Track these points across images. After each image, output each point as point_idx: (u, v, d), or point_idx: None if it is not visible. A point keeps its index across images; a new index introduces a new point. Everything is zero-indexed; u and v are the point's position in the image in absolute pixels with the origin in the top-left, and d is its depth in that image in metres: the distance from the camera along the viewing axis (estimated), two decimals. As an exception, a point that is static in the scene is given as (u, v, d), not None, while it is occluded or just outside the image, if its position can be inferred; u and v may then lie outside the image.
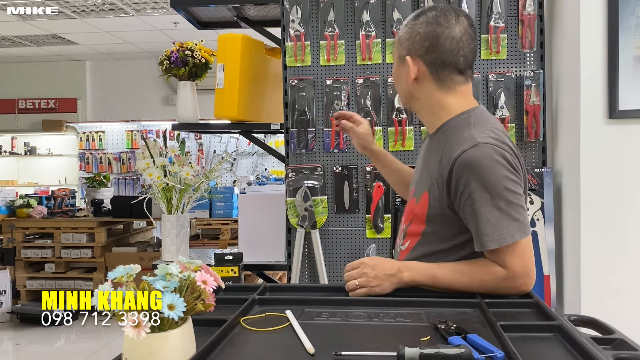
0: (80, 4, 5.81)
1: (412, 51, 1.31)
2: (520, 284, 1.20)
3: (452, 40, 1.27)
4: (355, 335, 1.00)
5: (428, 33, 1.28)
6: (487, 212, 1.19)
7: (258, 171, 7.42)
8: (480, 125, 1.26)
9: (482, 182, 1.19)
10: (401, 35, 1.34)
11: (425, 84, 1.32)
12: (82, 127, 8.14)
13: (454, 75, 1.30)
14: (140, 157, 2.27)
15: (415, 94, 1.34)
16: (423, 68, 1.30)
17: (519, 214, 1.20)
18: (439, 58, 1.28)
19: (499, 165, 1.19)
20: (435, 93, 1.32)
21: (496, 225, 1.18)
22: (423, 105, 1.35)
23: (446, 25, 1.27)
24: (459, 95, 1.32)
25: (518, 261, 1.19)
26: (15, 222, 5.32)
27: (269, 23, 2.66)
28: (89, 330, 4.82)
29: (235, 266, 1.94)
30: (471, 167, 1.19)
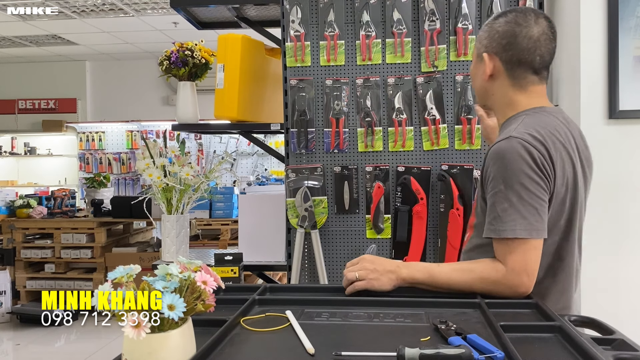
0: (80, 4, 5.81)
1: (490, 48, 1.34)
2: (517, 283, 1.19)
3: (529, 40, 1.30)
4: (355, 336, 1.00)
5: (506, 31, 1.31)
6: (497, 202, 1.21)
7: (258, 171, 7.42)
8: (529, 122, 1.27)
9: (501, 173, 1.21)
10: (480, 34, 1.38)
11: (500, 81, 1.35)
12: (82, 128, 8.14)
13: (529, 75, 1.33)
14: (140, 158, 2.27)
15: (490, 91, 1.38)
16: (499, 65, 1.34)
17: (528, 213, 1.19)
18: (515, 56, 1.31)
19: (521, 160, 1.20)
20: (508, 91, 1.35)
21: (501, 216, 1.20)
22: (496, 102, 1.39)
23: (524, 25, 1.30)
24: (530, 95, 1.34)
25: (518, 259, 1.19)
26: (15, 223, 5.32)
27: (269, 23, 2.66)
28: (88, 331, 4.82)
29: (235, 266, 1.94)
30: (496, 158, 1.23)
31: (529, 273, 1.19)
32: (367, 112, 2.19)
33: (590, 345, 0.88)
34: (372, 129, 2.19)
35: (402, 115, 2.19)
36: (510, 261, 1.19)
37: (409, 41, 2.19)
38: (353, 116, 2.21)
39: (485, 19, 2.15)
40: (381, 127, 2.20)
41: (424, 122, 2.18)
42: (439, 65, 2.17)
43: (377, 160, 2.20)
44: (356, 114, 2.21)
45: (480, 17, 2.16)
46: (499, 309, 1.12)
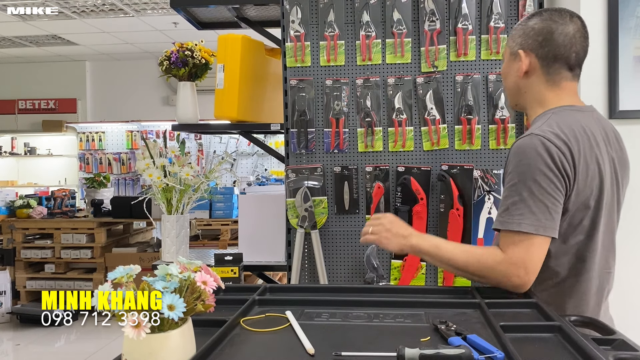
0: (80, 4, 5.81)
1: (525, 45, 1.35)
2: (513, 274, 1.20)
3: (565, 36, 1.31)
4: (355, 336, 1.00)
5: (542, 28, 1.33)
6: (509, 195, 1.23)
7: (258, 172, 7.42)
8: (555, 120, 1.28)
9: (517, 168, 1.23)
10: (513, 33, 1.40)
11: (534, 77, 1.36)
12: (82, 128, 8.14)
13: (564, 71, 1.34)
14: (140, 158, 2.27)
15: (523, 88, 1.39)
16: (535, 61, 1.35)
17: (538, 209, 1.20)
18: (552, 52, 1.32)
19: (538, 157, 1.21)
20: (541, 87, 1.36)
21: (510, 209, 1.22)
22: (528, 100, 1.39)
23: (560, 22, 1.32)
24: (562, 92, 1.35)
25: (519, 251, 1.20)
26: (15, 223, 5.32)
27: (269, 23, 2.66)
28: (88, 331, 4.82)
29: (235, 267, 1.94)
30: (515, 153, 1.25)
31: (528, 268, 1.19)
32: (367, 112, 2.20)
33: (590, 345, 0.88)
34: (372, 129, 2.19)
35: (402, 116, 2.19)
36: (510, 252, 1.21)
37: (409, 41, 2.19)
38: (353, 116, 2.21)
39: (485, 19, 2.15)
40: (381, 127, 2.20)
41: (424, 122, 2.18)
42: (439, 65, 2.17)
43: (377, 160, 2.20)
44: (356, 114, 2.21)
45: (480, 17, 2.16)
46: (498, 309, 1.12)
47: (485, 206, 2.11)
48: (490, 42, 2.15)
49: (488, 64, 2.17)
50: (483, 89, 2.17)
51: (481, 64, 2.17)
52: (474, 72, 2.16)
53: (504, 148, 2.15)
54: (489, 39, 2.15)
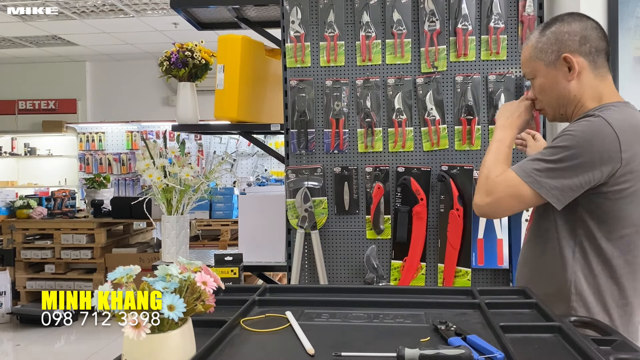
0: (81, 5, 5.81)
1: (566, 49, 1.35)
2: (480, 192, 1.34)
3: (594, 30, 1.35)
4: (355, 336, 1.00)
5: (575, 29, 1.35)
6: (544, 155, 1.29)
7: (258, 172, 7.42)
8: (619, 111, 1.29)
9: (566, 137, 1.26)
10: (540, 45, 1.38)
11: (585, 76, 1.36)
12: (82, 128, 8.14)
13: (606, 63, 1.37)
14: (140, 158, 2.27)
15: (573, 91, 1.37)
16: (581, 60, 1.35)
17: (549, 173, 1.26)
18: (593, 46, 1.34)
19: (594, 136, 1.24)
20: (595, 83, 1.36)
21: (541, 170, 1.27)
22: (572, 102, 1.38)
23: (583, 21, 1.36)
24: (609, 86, 1.37)
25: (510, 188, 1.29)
26: (15, 223, 5.32)
27: (269, 24, 2.66)
28: (88, 332, 4.82)
29: (235, 267, 1.94)
30: (577, 123, 1.29)
31: (494, 197, 1.31)
32: (367, 112, 2.20)
33: (590, 346, 0.88)
34: (372, 130, 2.19)
35: (402, 116, 2.19)
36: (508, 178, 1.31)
37: (409, 42, 2.19)
38: (353, 117, 2.22)
39: (484, 20, 2.15)
40: (381, 128, 2.20)
41: (424, 123, 2.18)
42: (439, 66, 2.17)
43: (377, 160, 2.21)
44: (356, 115, 2.21)
45: (480, 17, 2.16)
46: (498, 310, 1.12)
47: (485, 206, 2.10)
48: (490, 43, 2.15)
49: (488, 64, 2.17)
50: (483, 90, 2.17)
51: (481, 64, 2.17)
52: (473, 73, 2.16)
53: (504, 148, 2.15)
54: (489, 39, 2.15)
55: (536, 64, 1.40)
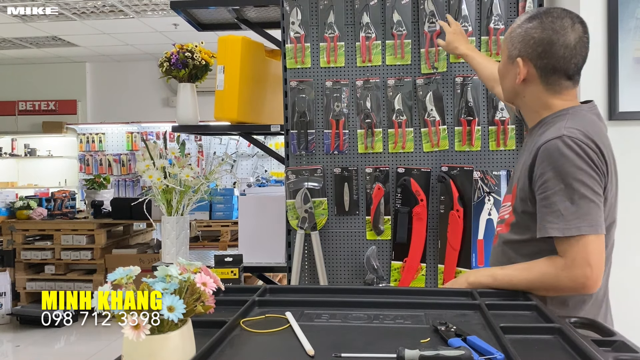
0: (81, 5, 5.82)
1: (524, 53, 1.33)
2: (579, 275, 1.18)
3: (565, 48, 1.29)
4: (355, 337, 1.00)
5: (543, 39, 1.30)
6: (559, 201, 1.20)
7: (258, 173, 7.42)
8: (575, 120, 1.27)
9: (559, 172, 1.21)
10: (514, 35, 1.36)
11: (532, 85, 1.35)
12: (82, 129, 8.14)
13: (563, 81, 1.33)
14: (140, 159, 2.27)
15: (521, 93, 1.38)
16: (533, 71, 1.33)
17: (590, 209, 1.19)
18: (551, 64, 1.30)
19: (577, 158, 1.20)
20: (541, 95, 1.35)
21: (564, 215, 1.19)
22: (526, 104, 1.39)
23: (562, 33, 1.29)
24: (563, 98, 1.34)
25: (580, 251, 1.18)
26: (15, 224, 5.32)
27: (269, 25, 2.66)
28: (88, 332, 4.82)
29: (235, 268, 1.94)
30: (550, 156, 1.22)
31: (592, 265, 1.18)
32: (367, 113, 2.20)
33: (590, 347, 0.88)
34: (372, 131, 2.19)
35: (402, 117, 2.19)
36: (572, 254, 1.19)
37: (409, 43, 2.19)
38: (353, 117, 2.22)
39: (484, 21, 2.16)
40: (381, 129, 2.20)
41: (424, 124, 2.18)
42: (439, 67, 2.17)
43: (377, 161, 2.21)
44: (356, 116, 2.21)
45: (480, 18, 2.16)
46: (498, 311, 1.12)
47: (485, 207, 2.11)
48: (490, 44, 2.15)
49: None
50: (483, 91, 2.17)
51: (481, 65, 2.16)
52: (474, 74, 2.15)
53: (504, 149, 2.15)
54: (489, 40, 2.15)
55: (504, 48, 1.40)
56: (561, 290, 1.24)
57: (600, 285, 1.21)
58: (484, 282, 1.29)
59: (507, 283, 1.27)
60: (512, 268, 1.30)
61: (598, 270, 1.19)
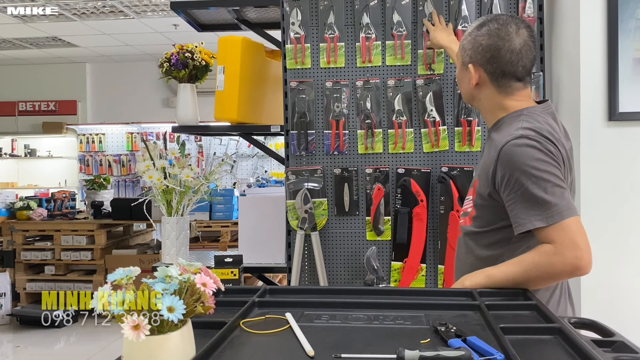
0: (81, 6, 5.82)
1: (474, 60, 1.42)
2: (570, 257, 1.22)
3: (511, 53, 1.37)
4: (355, 338, 1.00)
5: (489, 45, 1.39)
6: (534, 194, 1.25)
7: (258, 173, 7.42)
8: (529, 120, 1.34)
9: (524, 169, 1.26)
10: (465, 43, 1.45)
11: (486, 89, 1.44)
12: (82, 130, 8.14)
13: (513, 82, 1.41)
14: (140, 160, 2.27)
15: (477, 97, 1.47)
16: (484, 75, 1.42)
17: (564, 194, 1.25)
18: (499, 68, 1.39)
19: (538, 152, 1.27)
20: (495, 97, 1.43)
21: (543, 205, 1.24)
22: (483, 106, 1.48)
23: (507, 39, 1.38)
24: (517, 98, 1.42)
25: (566, 235, 1.22)
26: (15, 225, 5.32)
27: (269, 25, 2.66)
28: (88, 333, 4.82)
29: (235, 268, 1.94)
30: (513, 157, 1.28)
31: (581, 245, 1.22)
32: (367, 114, 2.20)
33: (590, 347, 0.88)
34: (372, 131, 2.19)
35: (402, 117, 2.19)
36: (559, 239, 1.23)
37: (409, 43, 2.19)
38: (353, 118, 2.22)
39: (485, 21, 2.15)
40: (381, 129, 2.20)
41: (424, 124, 2.18)
42: (436, 68, 2.17)
43: (377, 162, 2.21)
44: (356, 116, 2.21)
45: (480, 19, 2.16)
46: (498, 311, 1.12)
47: (485, 208, 2.10)
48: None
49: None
50: (483, 91, 2.16)
51: (481, 65, 2.16)
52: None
53: (504, 150, 2.15)
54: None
55: (459, 55, 1.48)
56: (557, 276, 1.27)
57: (591, 265, 1.24)
58: (481, 282, 1.31)
59: (504, 279, 1.29)
60: (505, 265, 1.32)
61: (587, 249, 1.23)
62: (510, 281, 1.28)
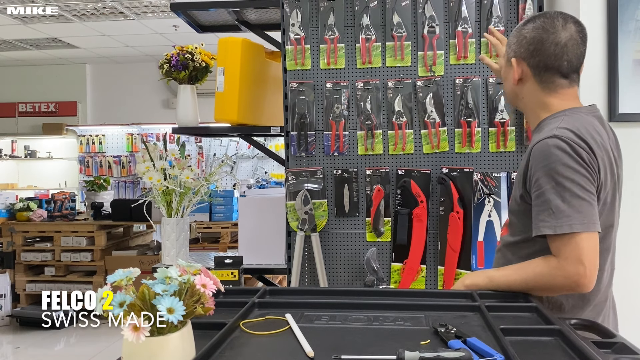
0: (81, 7, 5.82)
1: (518, 54, 1.38)
2: (573, 273, 1.18)
3: (556, 46, 1.32)
4: (354, 339, 0.99)
5: (534, 38, 1.35)
6: (550, 199, 1.21)
7: (258, 174, 7.42)
8: (569, 121, 1.29)
9: (549, 171, 1.22)
10: (510, 39, 1.42)
11: (529, 84, 1.39)
12: (82, 131, 8.15)
13: (557, 79, 1.35)
14: (141, 161, 2.27)
15: (520, 94, 1.42)
16: (527, 70, 1.37)
17: (582, 207, 1.20)
18: (542, 62, 1.34)
19: (568, 157, 1.22)
20: (538, 93, 1.38)
21: (555, 213, 1.20)
22: (526, 105, 1.42)
23: (552, 31, 1.33)
24: (561, 97, 1.36)
25: (572, 250, 1.19)
26: (15, 226, 5.32)
27: (269, 27, 2.66)
28: (88, 334, 4.81)
29: (235, 269, 1.94)
30: (541, 156, 1.24)
31: (586, 263, 1.18)
32: (367, 115, 2.20)
33: (590, 349, 0.88)
34: (372, 132, 2.20)
35: (402, 119, 2.19)
36: (565, 252, 1.20)
37: (409, 44, 2.19)
38: (353, 119, 2.22)
39: (484, 22, 2.16)
40: (381, 130, 2.20)
41: (424, 125, 2.18)
42: (437, 70, 2.17)
43: (377, 163, 2.21)
44: (356, 117, 2.21)
45: (479, 20, 2.17)
46: (499, 312, 1.12)
47: (485, 209, 2.11)
48: (490, 45, 2.15)
49: (488, 67, 2.16)
50: (483, 92, 2.17)
51: (481, 67, 2.17)
52: (473, 75, 2.16)
53: (504, 151, 2.15)
54: (489, 42, 2.15)
55: (505, 53, 1.45)
56: (556, 289, 1.24)
57: (594, 285, 1.21)
58: (481, 284, 1.30)
59: (504, 284, 1.28)
60: (508, 269, 1.31)
61: (592, 267, 1.19)
62: (509, 286, 1.27)
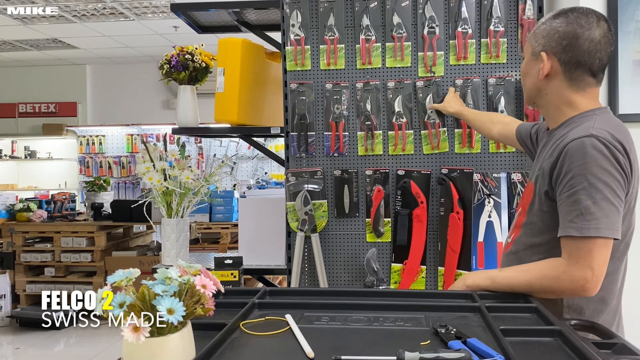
0: (81, 7, 5.82)
1: (548, 48, 1.32)
2: (580, 277, 1.17)
3: (590, 42, 1.28)
4: (354, 340, 0.99)
5: (568, 32, 1.29)
6: (581, 200, 1.18)
7: (258, 175, 7.42)
8: (603, 122, 1.26)
9: (584, 171, 1.19)
10: (537, 31, 1.36)
11: (556, 81, 1.33)
12: (82, 131, 8.15)
13: (586, 77, 1.31)
14: (141, 161, 2.27)
15: (544, 90, 1.36)
16: (556, 65, 1.32)
17: (611, 212, 1.18)
18: (575, 58, 1.29)
19: (604, 159, 1.18)
20: (565, 90, 1.33)
21: (585, 215, 1.18)
22: (549, 101, 1.37)
23: (587, 27, 1.28)
24: (587, 96, 1.33)
25: (585, 254, 1.17)
26: (15, 226, 5.32)
27: (269, 27, 2.67)
28: (88, 335, 4.81)
29: (235, 270, 1.94)
30: (577, 154, 1.20)
31: (594, 268, 1.17)
32: (367, 115, 2.20)
33: (590, 349, 0.88)
34: (372, 133, 2.20)
35: (402, 119, 2.19)
36: (576, 254, 1.18)
37: (409, 45, 2.19)
38: (353, 120, 2.22)
39: (484, 23, 2.16)
40: (381, 131, 2.20)
41: (424, 126, 2.18)
42: (436, 71, 2.17)
43: (377, 163, 2.21)
44: (356, 118, 2.21)
45: (479, 21, 2.17)
46: (499, 313, 1.12)
47: (485, 210, 2.11)
48: (490, 46, 2.15)
49: (488, 67, 2.17)
50: (483, 93, 2.17)
51: (481, 67, 2.17)
52: (473, 76, 2.16)
53: (504, 152, 2.15)
54: (489, 42, 2.15)
55: (528, 46, 1.40)
56: (559, 293, 1.23)
57: (597, 290, 1.20)
58: (482, 284, 1.29)
59: (506, 285, 1.26)
60: (511, 270, 1.29)
61: (599, 274, 1.18)
62: (511, 288, 1.26)
